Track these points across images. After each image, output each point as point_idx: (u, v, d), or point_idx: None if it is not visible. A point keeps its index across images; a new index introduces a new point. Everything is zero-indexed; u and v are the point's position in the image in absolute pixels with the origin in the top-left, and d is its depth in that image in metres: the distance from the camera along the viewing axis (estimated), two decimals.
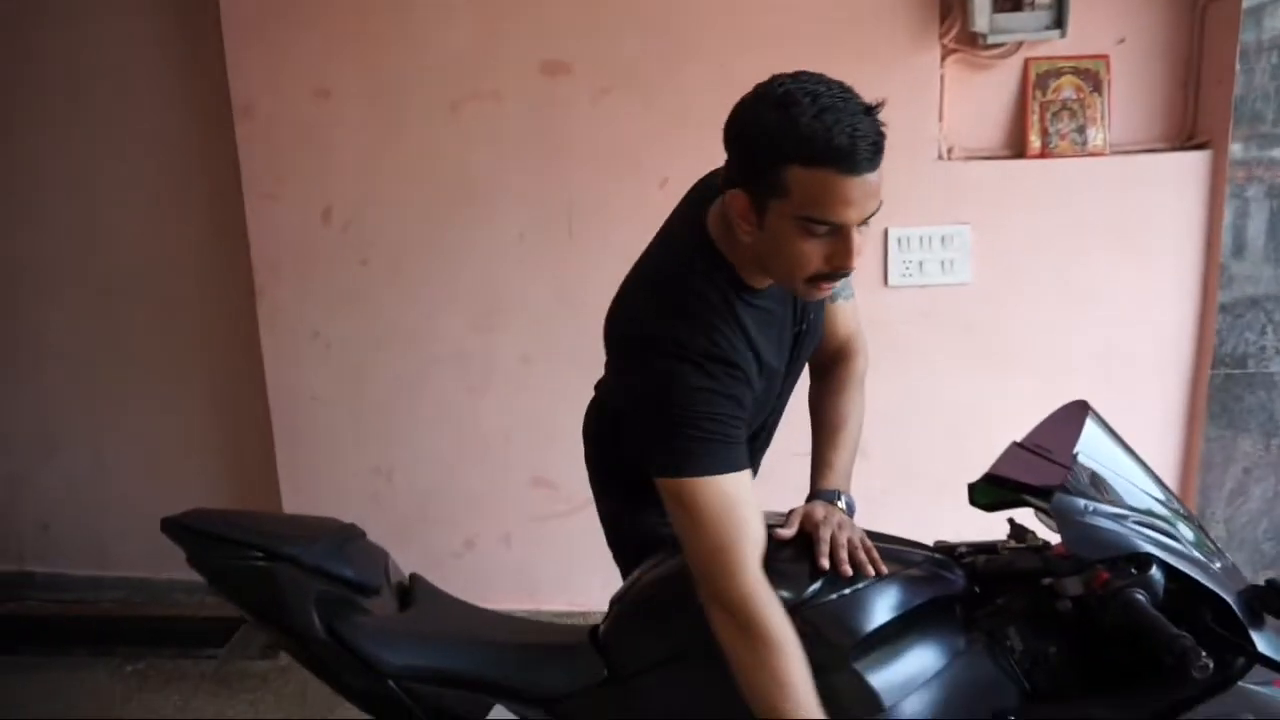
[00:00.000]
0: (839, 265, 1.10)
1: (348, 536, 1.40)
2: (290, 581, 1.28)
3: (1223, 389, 2.42)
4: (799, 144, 1.04)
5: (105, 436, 3.04)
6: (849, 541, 1.20)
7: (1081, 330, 2.46)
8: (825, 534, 1.20)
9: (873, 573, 1.17)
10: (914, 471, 2.52)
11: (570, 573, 2.68)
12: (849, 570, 1.16)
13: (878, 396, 2.55)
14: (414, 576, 1.49)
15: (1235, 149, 2.28)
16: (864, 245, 1.11)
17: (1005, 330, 2.48)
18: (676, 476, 1.13)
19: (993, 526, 1.39)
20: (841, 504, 1.30)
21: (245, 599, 1.32)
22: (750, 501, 1.15)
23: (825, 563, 1.17)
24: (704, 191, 1.28)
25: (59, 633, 2.82)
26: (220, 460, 3.03)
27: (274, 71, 2.57)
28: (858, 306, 1.53)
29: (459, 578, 2.70)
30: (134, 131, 2.84)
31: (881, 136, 1.07)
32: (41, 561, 3.10)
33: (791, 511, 1.27)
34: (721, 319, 1.17)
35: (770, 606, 1.11)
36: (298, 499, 2.78)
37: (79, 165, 2.88)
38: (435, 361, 2.69)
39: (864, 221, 1.09)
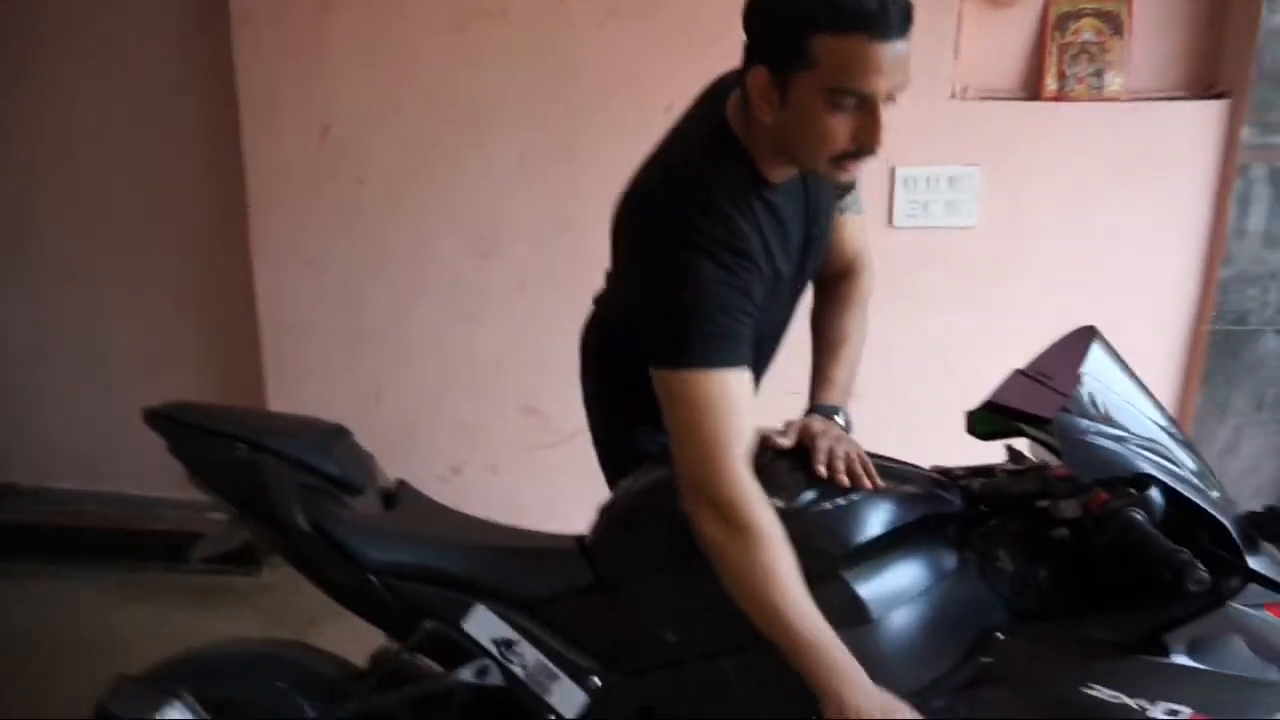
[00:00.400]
0: (867, 142, 1.07)
1: (334, 434, 1.38)
2: (273, 473, 1.25)
3: (1221, 345, 2.41)
4: (828, 8, 1.00)
5: (97, 350, 2.99)
6: (846, 455, 1.18)
7: (1085, 279, 2.43)
8: (823, 445, 1.18)
9: (869, 485, 1.15)
10: (910, 412, 2.50)
11: (556, 501, 2.67)
12: (845, 480, 1.15)
13: (873, 335, 2.54)
14: (400, 481, 1.47)
15: (1273, 101, 2.20)
16: (890, 125, 1.06)
17: (1008, 275, 2.45)
18: (678, 368, 1.11)
19: (989, 460, 1.37)
20: (840, 419, 1.28)
21: (227, 490, 1.30)
22: (748, 402, 1.14)
23: (822, 470, 1.15)
24: (719, 87, 1.25)
25: (41, 541, 2.80)
26: (211, 379, 2.98)
27: None
28: (865, 224, 1.49)
29: (446, 500, 2.71)
30: (130, 39, 2.75)
31: (910, 2, 1.04)
32: (27, 472, 3.07)
33: (789, 423, 1.25)
34: (739, 210, 1.14)
35: (760, 505, 1.10)
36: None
37: (73, 76, 2.79)
38: (430, 287, 2.65)
39: (891, 97, 1.05)
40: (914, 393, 2.50)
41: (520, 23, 2.46)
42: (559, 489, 2.63)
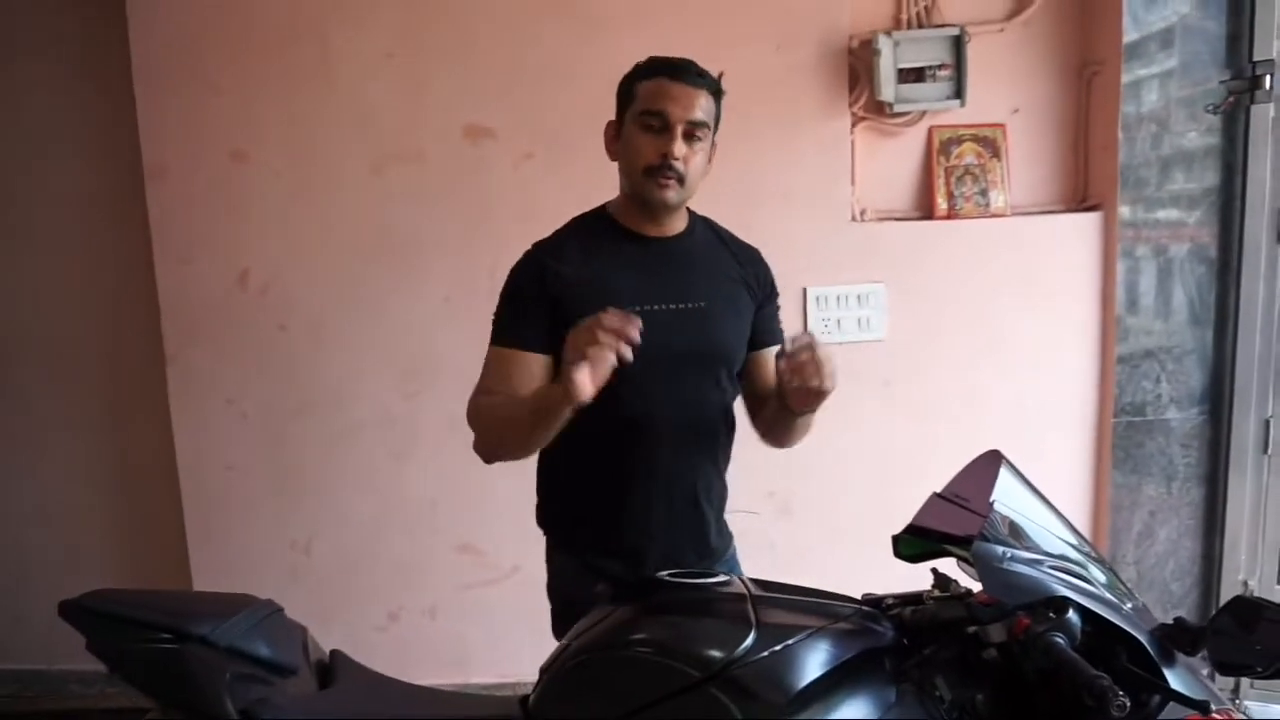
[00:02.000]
0: (664, 152, 1.41)
1: (263, 613, 1.34)
2: (201, 663, 1.21)
3: (1125, 436, 2.54)
4: (643, 65, 1.47)
5: None
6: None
7: (994, 382, 2.56)
8: (806, 356, 1.35)
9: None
10: (839, 526, 2.56)
11: (500, 643, 2.60)
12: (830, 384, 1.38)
13: (799, 451, 2.60)
14: (334, 653, 1.42)
15: (1124, 211, 2.44)
16: (696, 163, 1.45)
17: (921, 384, 2.56)
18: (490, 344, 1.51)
19: (918, 578, 1.42)
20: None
21: (152, 684, 1.24)
22: (521, 372, 1.45)
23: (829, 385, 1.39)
24: None
25: None
26: (127, 537, 2.87)
27: (189, 132, 2.53)
28: None
29: (384, 652, 2.59)
30: (38, 184, 2.74)
31: (710, 74, 1.46)
32: None
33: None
34: (572, 229, 1.55)
35: (480, 395, 1.48)
36: (210, 575, 2.65)
37: None
38: (358, 427, 2.63)
39: (693, 131, 1.42)
40: (843, 507, 2.56)
41: (437, 165, 2.54)
42: (500, 629, 2.58)
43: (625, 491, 1.50)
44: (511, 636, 2.43)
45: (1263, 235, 2.42)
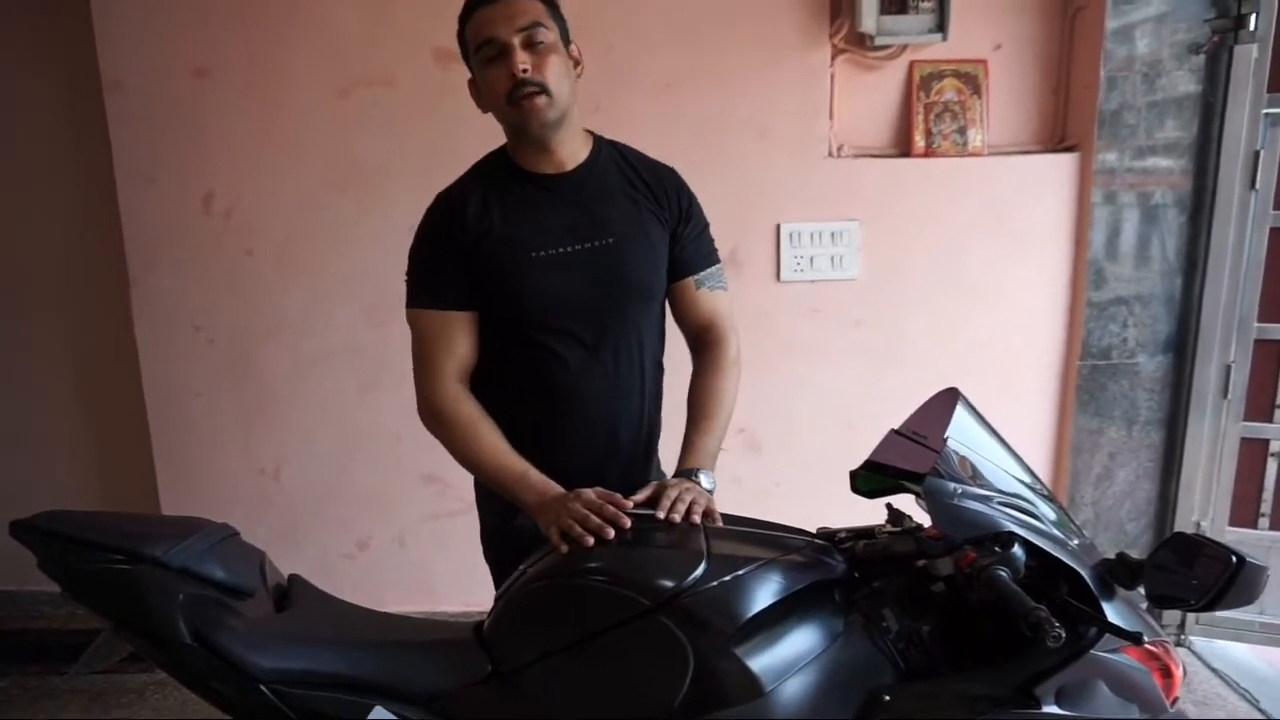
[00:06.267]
0: (513, 72, 1.36)
1: (218, 536, 1.34)
2: (154, 585, 1.20)
3: (1090, 379, 2.57)
4: (461, 11, 1.42)
5: None
6: (691, 503, 1.28)
7: (964, 323, 2.57)
8: (670, 494, 1.30)
9: (698, 520, 1.26)
10: (805, 462, 2.58)
11: (467, 572, 2.60)
12: (675, 517, 1.26)
13: (769, 389, 2.60)
14: (293, 577, 1.43)
15: (1110, 157, 2.41)
16: (554, 69, 1.37)
17: (892, 323, 2.56)
18: (407, 307, 1.47)
19: (883, 514, 1.43)
20: (702, 479, 1.39)
21: (104, 605, 1.24)
22: (450, 334, 1.42)
23: (661, 515, 1.27)
24: None
25: None
26: (93, 461, 2.86)
27: (147, 45, 2.44)
28: (731, 299, 1.59)
29: (353, 579, 2.65)
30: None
31: None
32: None
33: (650, 484, 1.35)
34: (473, 175, 1.49)
35: (459, 403, 1.42)
36: (178, 501, 2.65)
37: None
38: (325, 356, 2.61)
39: (530, 39, 1.36)
40: (812, 443, 2.58)
41: (406, 90, 2.48)
42: (467, 558, 2.58)
43: (555, 436, 1.48)
44: (478, 566, 2.45)
45: (1236, 180, 2.41)
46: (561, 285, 1.42)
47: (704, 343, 1.57)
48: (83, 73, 2.50)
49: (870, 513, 1.42)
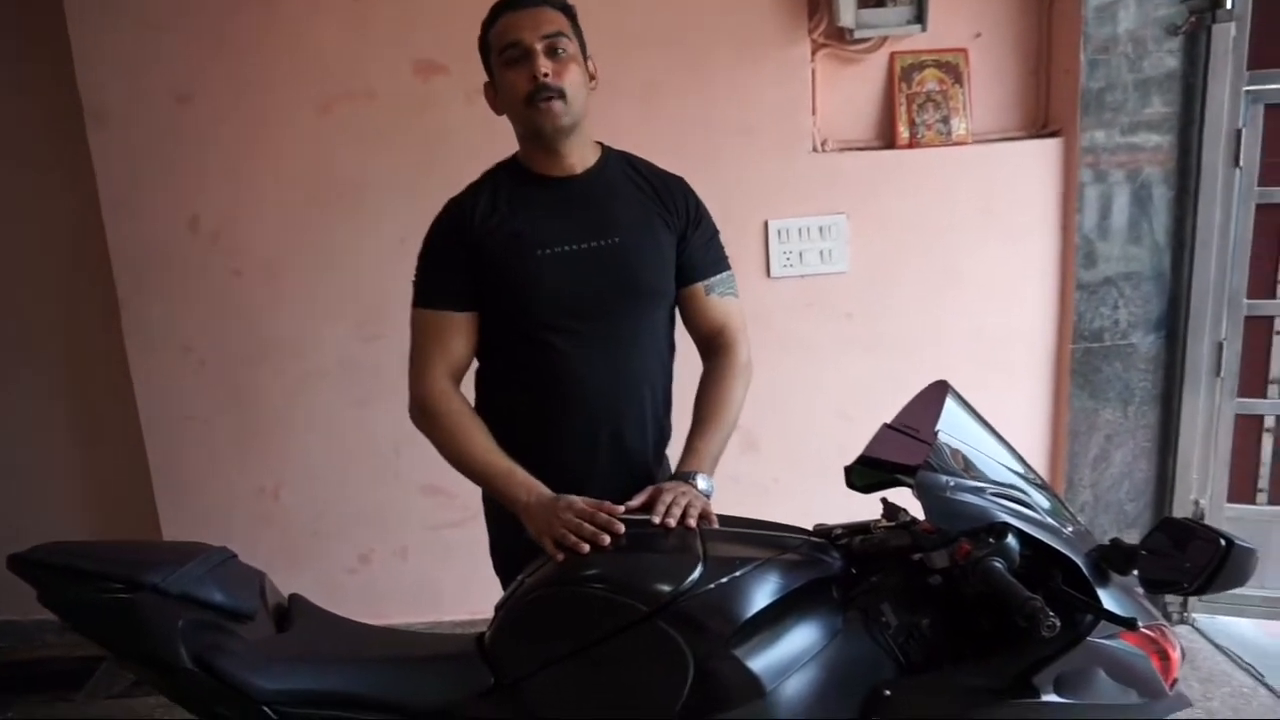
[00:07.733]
0: (533, 75, 1.39)
1: (217, 560, 1.33)
2: (153, 612, 1.20)
3: (1083, 362, 2.57)
4: (487, 16, 1.46)
5: None
6: (687, 506, 1.29)
7: (955, 311, 2.57)
8: (666, 498, 1.30)
9: (693, 524, 1.26)
10: (802, 457, 2.59)
11: (470, 581, 2.61)
12: (670, 521, 1.26)
13: (764, 386, 2.60)
14: (293, 597, 1.43)
15: (1098, 136, 2.42)
16: (572, 77, 1.41)
17: (883, 315, 2.57)
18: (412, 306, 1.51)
19: (875, 508, 1.44)
20: (699, 482, 1.40)
21: (105, 634, 1.23)
22: (446, 334, 1.46)
23: (656, 519, 1.27)
24: None
25: None
26: (90, 490, 2.85)
27: (129, 74, 2.43)
28: (742, 309, 1.61)
29: (356, 594, 2.65)
30: None
31: None
32: None
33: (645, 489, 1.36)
34: (484, 180, 1.51)
35: (448, 399, 1.45)
36: (178, 525, 2.65)
37: None
38: (318, 373, 2.61)
39: (552, 46, 1.40)
40: (807, 440, 2.58)
41: (387, 103, 2.48)
42: (471, 567, 2.58)
43: (560, 436, 1.49)
44: (481, 575, 2.45)
45: (1219, 158, 2.42)
46: (566, 282, 1.44)
47: (714, 348, 1.58)
48: (65, 99, 2.49)
49: (872, 507, 1.43)
